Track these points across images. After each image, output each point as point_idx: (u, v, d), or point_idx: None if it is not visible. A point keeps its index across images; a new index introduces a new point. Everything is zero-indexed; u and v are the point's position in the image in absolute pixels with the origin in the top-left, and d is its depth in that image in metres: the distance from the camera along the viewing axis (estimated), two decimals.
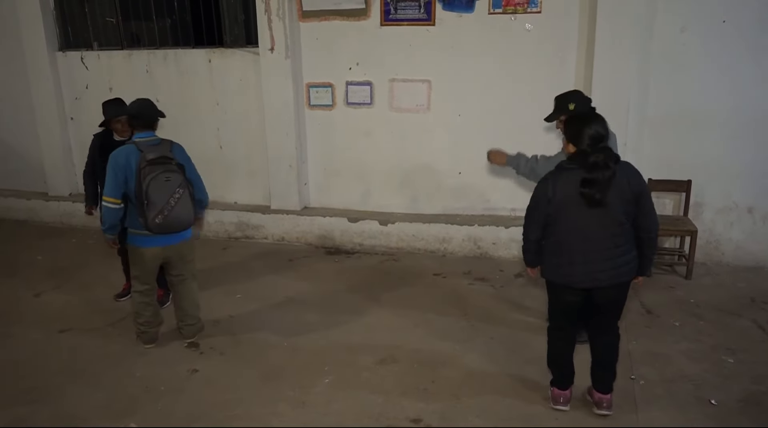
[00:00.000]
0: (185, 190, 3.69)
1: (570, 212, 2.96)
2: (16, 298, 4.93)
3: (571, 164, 2.95)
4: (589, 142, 2.90)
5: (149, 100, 3.91)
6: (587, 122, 2.94)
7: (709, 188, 5.26)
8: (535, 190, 3.10)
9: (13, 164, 7.26)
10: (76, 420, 3.32)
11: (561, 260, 3.05)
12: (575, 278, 3.04)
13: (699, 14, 4.96)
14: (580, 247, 2.99)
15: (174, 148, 3.80)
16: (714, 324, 4.31)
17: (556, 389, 3.36)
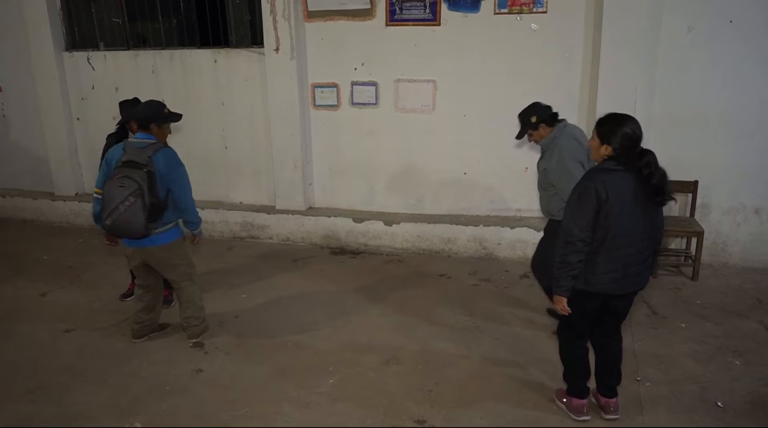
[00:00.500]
0: (138, 200, 3.54)
1: (620, 216, 2.83)
2: (23, 297, 4.95)
3: (617, 165, 2.86)
4: (625, 142, 2.84)
5: (156, 101, 3.88)
6: (623, 122, 2.88)
7: (715, 189, 5.23)
8: (579, 191, 2.90)
9: (19, 164, 7.30)
10: (82, 419, 3.33)
11: (608, 267, 2.89)
12: (618, 285, 2.93)
13: (706, 14, 4.94)
14: (625, 252, 2.89)
15: (158, 155, 3.65)
16: (720, 325, 4.28)
17: (576, 399, 3.25)
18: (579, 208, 2.87)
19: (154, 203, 3.62)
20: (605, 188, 2.82)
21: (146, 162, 3.61)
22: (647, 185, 2.82)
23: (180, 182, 3.78)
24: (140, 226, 3.60)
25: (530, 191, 5.63)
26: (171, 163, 3.71)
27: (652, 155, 2.84)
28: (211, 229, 6.38)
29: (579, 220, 2.85)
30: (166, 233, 3.82)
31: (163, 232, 3.80)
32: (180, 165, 3.79)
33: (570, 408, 3.27)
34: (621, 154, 2.85)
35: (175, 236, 3.90)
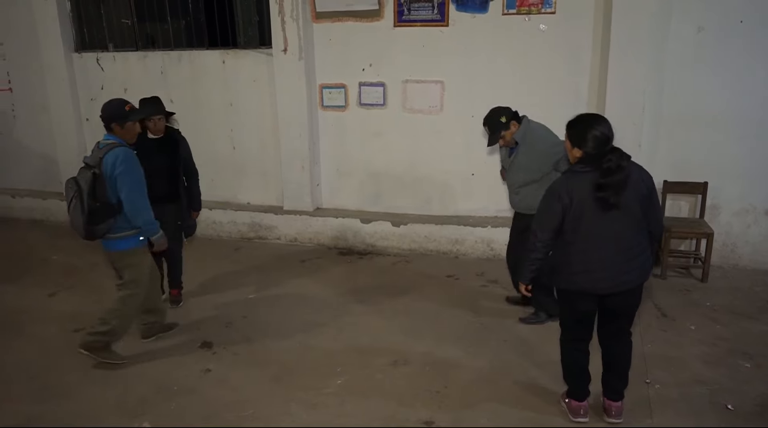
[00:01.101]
0: (77, 201, 3.52)
1: (589, 217, 2.87)
2: (31, 297, 4.97)
3: (584, 167, 2.88)
4: (595, 144, 2.85)
5: (116, 100, 3.74)
6: (592, 124, 2.88)
7: (725, 190, 5.19)
8: (546, 196, 3.01)
9: (29, 164, 7.34)
10: (90, 418, 3.35)
11: (582, 267, 2.93)
12: (601, 284, 2.94)
13: (716, 14, 4.90)
14: (603, 252, 2.90)
15: (107, 156, 3.55)
16: (730, 327, 4.25)
17: (574, 401, 3.26)
18: (544, 212, 3.00)
19: (96, 206, 3.53)
20: (568, 192, 2.87)
21: (95, 164, 3.56)
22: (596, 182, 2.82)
23: (124, 185, 3.58)
24: (80, 228, 3.57)
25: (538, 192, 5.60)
26: (117, 164, 3.54)
27: (618, 154, 2.82)
28: (219, 229, 6.39)
29: (543, 223, 3.00)
30: (121, 240, 3.69)
31: (116, 239, 3.68)
32: (127, 168, 3.57)
33: (569, 409, 3.29)
34: (591, 155, 2.86)
35: (130, 245, 3.72)
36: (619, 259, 2.91)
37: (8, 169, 7.42)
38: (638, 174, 2.90)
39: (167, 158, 4.37)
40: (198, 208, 4.65)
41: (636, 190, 2.87)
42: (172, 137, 4.42)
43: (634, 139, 5.11)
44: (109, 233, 3.66)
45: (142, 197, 3.67)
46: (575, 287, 2.99)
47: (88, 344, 3.82)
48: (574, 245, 2.93)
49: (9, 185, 7.48)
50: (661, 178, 5.27)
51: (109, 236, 3.68)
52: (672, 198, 5.32)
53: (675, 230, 4.99)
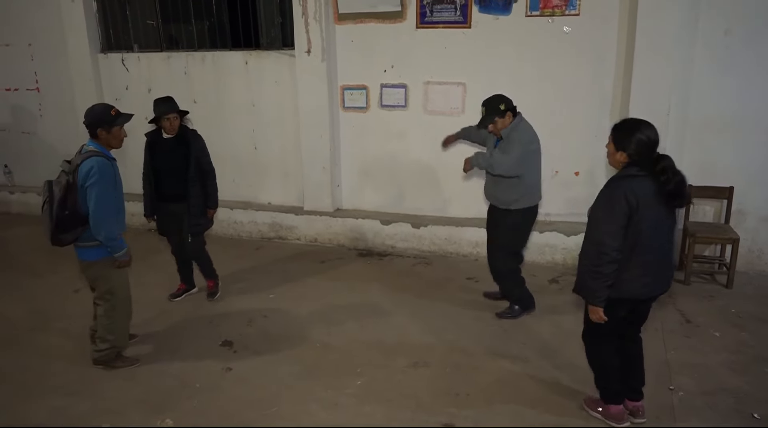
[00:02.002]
0: (48, 207, 3.46)
1: (650, 223, 2.83)
2: (57, 293, 5.06)
3: (640, 171, 2.85)
4: (638, 148, 2.84)
5: (101, 105, 3.71)
6: (638, 128, 2.86)
7: (752, 195, 5.11)
8: (609, 201, 2.86)
9: (56, 163, 7.36)
10: (113, 414, 3.40)
11: (639, 273, 2.89)
12: (652, 289, 2.96)
13: (743, 17, 4.83)
14: (653, 256, 2.89)
15: (83, 163, 3.46)
16: (756, 334, 4.18)
17: (614, 406, 3.20)
18: (610, 217, 2.83)
19: (65, 215, 3.46)
20: (635, 194, 2.80)
21: (71, 171, 3.49)
22: (664, 190, 2.80)
23: (91, 197, 3.46)
24: (48, 234, 3.51)
25: (559, 194, 5.57)
26: (90, 174, 3.44)
27: (668, 160, 2.84)
28: (240, 229, 6.44)
29: (609, 229, 2.83)
30: (87, 250, 3.61)
31: (86, 248, 3.60)
32: (99, 179, 3.45)
33: (609, 416, 3.22)
34: (639, 160, 2.85)
35: (99, 256, 3.62)
36: (666, 263, 2.98)
37: (35, 167, 7.55)
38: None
39: (180, 157, 4.42)
40: (213, 206, 4.67)
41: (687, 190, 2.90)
42: (185, 137, 4.46)
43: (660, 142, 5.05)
44: (78, 242, 3.58)
45: (107, 212, 3.52)
46: (627, 295, 2.93)
47: (99, 360, 3.86)
48: (633, 250, 2.85)
49: (35, 183, 7.58)
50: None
51: (79, 244, 3.60)
52: (697, 203, 5.25)
53: (700, 235, 4.92)
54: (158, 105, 4.38)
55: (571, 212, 5.57)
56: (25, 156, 7.57)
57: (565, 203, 5.58)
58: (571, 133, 5.38)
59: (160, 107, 4.36)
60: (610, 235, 2.82)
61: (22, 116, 7.43)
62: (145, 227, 6.25)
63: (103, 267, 3.68)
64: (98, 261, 3.65)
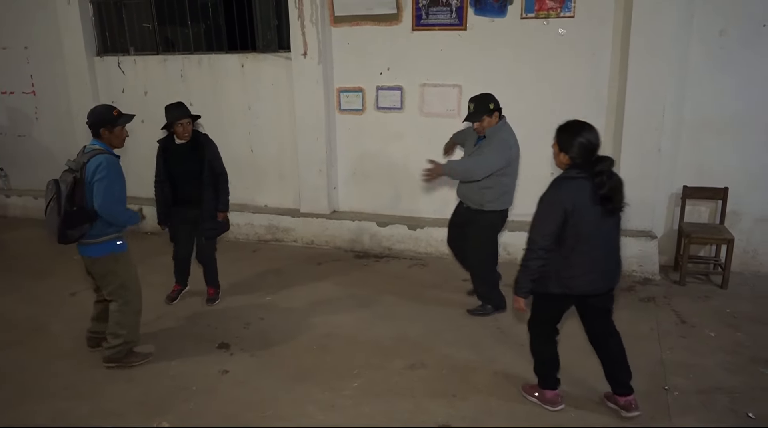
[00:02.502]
0: (55, 204, 3.48)
1: (588, 221, 2.96)
2: (53, 296, 5.05)
3: (580, 172, 2.97)
4: (580, 151, 2.97)
5: (102, 106, 3.74)
6: (580, 132, 2.98)
7: (747, 196, 5.14)
8: (546, 203, 3.03)
9: (51, 166, 7.41)
10: (112, 416, 3.40)
11: (582, 270, 3.02)
12: (597, 285, 3.08)
13: (738, 18, 4.87)
14: (597, 254, 3.02)
15: (91, 161, 3.51)
16: (751, 335, 4.20)
17: (550, 391, 3.38)
18: (544, 218, 3.01)
19: (72, 211, 3.49)
20: (571, 197, 2.94)
21: (77, 168, 3.52)
22: (598, 193, 2.93)
23: (98, 192, 3.51)
24: (54, 231, 3.52)
25: None
26: (98, 170, 3.49)
27: (606, 163, 2.95)
28: (237, 232, 6.44)
29: (542, 229, 3.01)
30: (96, 246, 3.64)
31: (94, 244, 3.63)
32: (107, 175, 3.51)
33: (545, 401, 3.37)
34: (580, 162, 2.97)
35: (106, 251, 3.67)
36: (610, 260, 3.10)
37: (30, 171, 7.54)
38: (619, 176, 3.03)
39: (194, 162, 4.43)
40: (224, 209, 4.68)
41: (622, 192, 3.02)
42: (198, 142, 4.46)
43: (654, 143, 5.09)
44: (84, 239, 3.61)
45: (118, 202, 3.61)
46: (574, 290, 3.07)
47: (110, 358, 3.87)
48: (574, 249, 2.99)
49: (31, 186, 7.60)
50: (681, 183, 5.24)
51: (84, 241, 3.63)
52: (692, 203, 5.28)
53: (695, 235, 4.95)
54: (170, 111, 4.36)
55: None
56: (21, 159, 7.57)
57: None
58: None
59: (172, 113, 4.35)
60: (542, 235, 3.00)
61: (18, 119, 7.43)
62: (143, 230, 6.26)
63: (112, 263, 3.72)
64: (106, 257, 3.69)
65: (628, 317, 4.46)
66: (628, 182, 5.08)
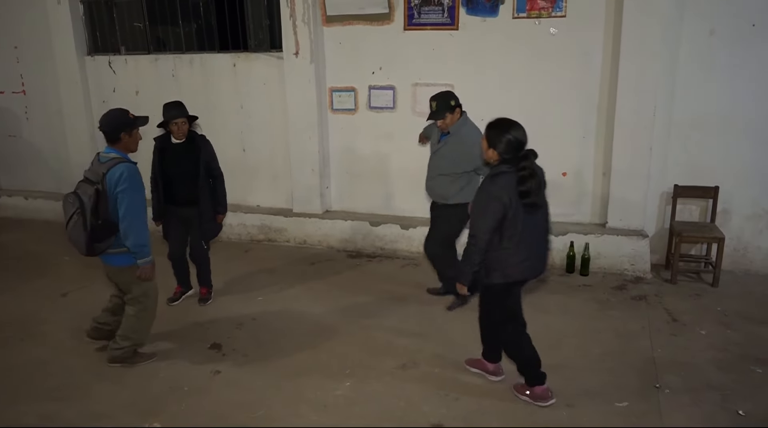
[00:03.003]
0: (80, 218, 3.44)
1: (519, 214, 3.12)
2: (44, 297, 5.02)
3: (510, 167, 3.12)
4: (507, 148, 3.11)
5: (117, 110, 3.65)
6: (508, 129, 3.12)
7: (737, 195, 5.17)
8: (483, 199, 3.17)
9: (42, 166, 7.41)
10: (102, 418, 3.38)
11: (524, 257, 3.21)
12: (537, 270, 3.32)
13: (728, 17, 4.89)
14: (531, 242, 3.21)
15: (112, 172, 3.45)
16: (742, 332, 4.23)
17: (539, 387, 3.42)
18: (485, 214, 3.15)
19: (98, 224, 3.46)
20: (506, 191, 3.09)
21: (98, 179, 3.47)
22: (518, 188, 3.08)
23: (123, 203, 3.48)
24: (82, 246, 3.50)
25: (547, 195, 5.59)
26: (120, 181, 3.46)
27: (529, 160, 3.11)
28: (229, 232, 6.43)
29: (483, 225, 3.15)
30: (120, 256, 3.64)
31: (118, 254, 3.63)
32: (130, 185, 3.49)
33: (536, 397, 3.42)
34: (508, 158, 3.13)
35: (131, 261, 3.66)
36: (543, 247, 3.32)
37: (21, 171, 7.51)
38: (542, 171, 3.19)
39: (190, 162, 4.42)
40: (223, 211, 4.68)
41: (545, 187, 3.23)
42: (194, 142, 4.45)
43: (644, 142, 5.11)
44: (109, 249, 3.60)
45: (138, 218, 3.56)
46: (519, 277, 3.27)
47: (115, 358, 3.88)
48: (514, 239, 3.15)
49: (22, 186, 7.57)
50: (671, 182, 5.26)
51: (109, 252, 3.62)
52: (682, 202, 5.31)
53: (686, 234, 4.97)
54: (168, 109, 4.36)
55: (559, 213, 5.59)
56: (11, 159, 7.52)
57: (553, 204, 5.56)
58: (558, 133, 5.41)
59: (169, 112, 4.35)
60: (483, 231, 3.15)
61: (8, 119, 7.37)
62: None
63: (134, 272, 3.71)
64: (129, 266, 3.68)
65: (620, 316, 4.48)
66: (619, 180, 5.20)
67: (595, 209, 5.53)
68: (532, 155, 3.13)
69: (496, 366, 3.66)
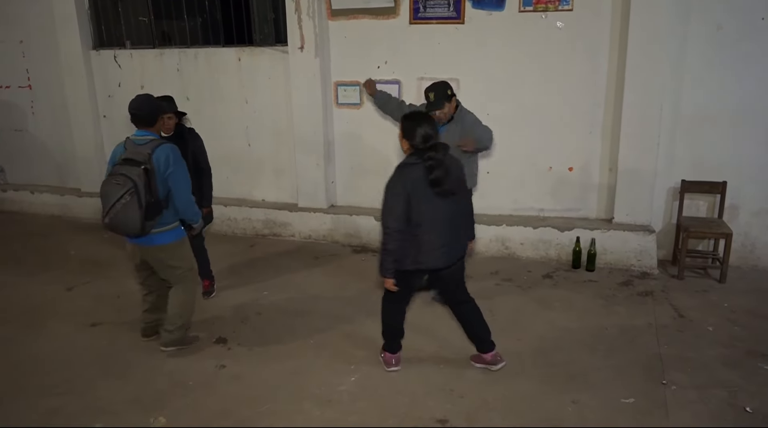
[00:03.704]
0: (133, 198, 3.47)
1: (427, 204, 3.26)
2: (50, 292, 5.03)
3: (416, 160, 3.27)
4: (419, 140, 3.26)
5: (150, 96, 3.79)
6: (419, 123, 3.28)
7: (745, 190, 5.13)
8: (388, 190, 3.32)
9: (47, 160, 7.43)
10: (106, 413, 3.38)
11: (429, 248, 3.32)
12: (441, 261, 3.38)
13: (736, 12, 4.84)
14: (440, 232, 3.32)
15: (158, 150, 3.56)
16: (749, 329, 4.20)
17: (389, 354, 3.74)
18: (391, 202, 3.29)
19: (150, 202, 3.53)
20: (410, 181, 3.24)
21: (144, 159, 3.52)
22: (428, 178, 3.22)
23: (179, 180, 3.67)
24: (136, 225, 3.52)
25: (553, 190, 5.58)
26: (171, 160, 3.61)
27: (439, 151, 3.24)
28: (234, 226, 6.43)
29: (392, 213, 3.28)
30: (165, 234, 3.72)
31: (162, 232, 3.70)
32: (181, 162, 3.68)
33: (385, 361, 3.75)
34: (419, 150, 3.28)
35: (175, 237, 3.79)
36: (453, 238, 3.39)
37: (27, 165, 7.53)
38: (456, 161, 3.36)
39: None
40: (207, 205, 4.66)
41: (458, 176, 3.37)
42: (182, 136, 4.44)
43: (652, 137, 5.07)
44: (154, 228, 3.66)
45: (189, 192, 3.79)
46: (422, 266, 3.38)
47: (174, 341, 3.97)
48: (418, 229, 3.29)
49: (28, 181, 7.59)
50: (678, 177, 5.22)
51: (155, 231, 3.67)
52: (690, 198, 5.27)
53: (693, 230, 4.94)
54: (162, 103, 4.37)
55: (565, 208, 5.58)
56: (17, 154, 7.53)
57: (559, 199, 5.59)
58: (564, 128, 5.38)
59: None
60: (392, 218, 3.28)
61: (14, 113, 7.39)
62: None
63: (179, 248, 3.87)
64: (175, 243, 3.81)
65: (626, 312, 4.46)
66: (626, 176, 5.16)
67: (602, 205, 5.50)
68: (441, 147, 3.27)
69: (492, 355, 3.70)
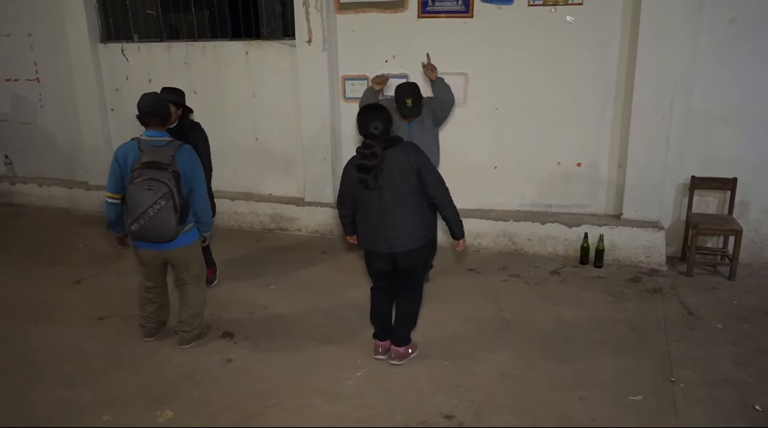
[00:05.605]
0: (169, 202, 3.47)
1: (361, 192, 3.44)
2: (58, 284, 5.06)
3: (360, 149, 3.44)
4: (360, 130, 3.44)
5: (153, 94, 3.74)
6: (362, 114, 3.47)
7: (755, 187, 5.09)
8: (342, 176, 3.58)
9: (55, 154, 7.45)
10: (116, 405, 3.40)
11: (365, 231, 3.55)
12: (378, 245, 3.51)
13: (749, 5, 4.78)
14: (376, 220, 3.45)
15: (180, 152, 3.56)
16: (759, 326, 4.17)
17: (378, 341, 3.81)
18: (340, 187, 3.61)
19: (181, 205, 3.55)
20: (350, 170, 3.46)
21: (170, 162, 3.50)
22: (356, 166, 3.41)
23: (200, 184, 3.70)
24: (172, 229, 3.52)
25: (561, 186, 5.55)
26: (193, 162, 3.64)
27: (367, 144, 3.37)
28: (241, 220, 6.43)
29: (339, 196, 3.63)
30: (187, 234, 3.73)
31: (185, 233, 3.70)
32: (200, 164, 3.71)
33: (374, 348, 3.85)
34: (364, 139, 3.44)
35: (195, 237, 3.83)
36: (390, 228, 3.44)
37: (35, 158, 7.55)
38: (405, 154, 3.38)
39: None
40: None
41: (402, 169, 3.37)
42: (182, 128, 4.45)
43: (662, 133, 5.03)
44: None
45: (207, 195, 3.83)
46: (364, 246, 3.62)
47: (192, 338, 4.00)
48: (359, 212, 3.54)
49: (36, 174, 7.61)
50: (688, 173, 5.19)
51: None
52: (699, 194, 5.23)
53: (702, 226, 4.90)
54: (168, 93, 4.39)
55: (574, 204, 5.55)
56: (25, 147, 7.56)
57: (567, 195, 5.56)
58: (573, 123, 5.35)
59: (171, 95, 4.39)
60: (339, 202, 3.65)
61: (22, 106, 7.41)
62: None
63: (197, 247, 3.91)
64: (195, 242, 3.86)
65: (635, 309, 4.43)
66: (635, 171, 5.13)
67: (610, 200, 5.47)
68: (385, 141, 3.38)
69: (396, 349, 3.76)
